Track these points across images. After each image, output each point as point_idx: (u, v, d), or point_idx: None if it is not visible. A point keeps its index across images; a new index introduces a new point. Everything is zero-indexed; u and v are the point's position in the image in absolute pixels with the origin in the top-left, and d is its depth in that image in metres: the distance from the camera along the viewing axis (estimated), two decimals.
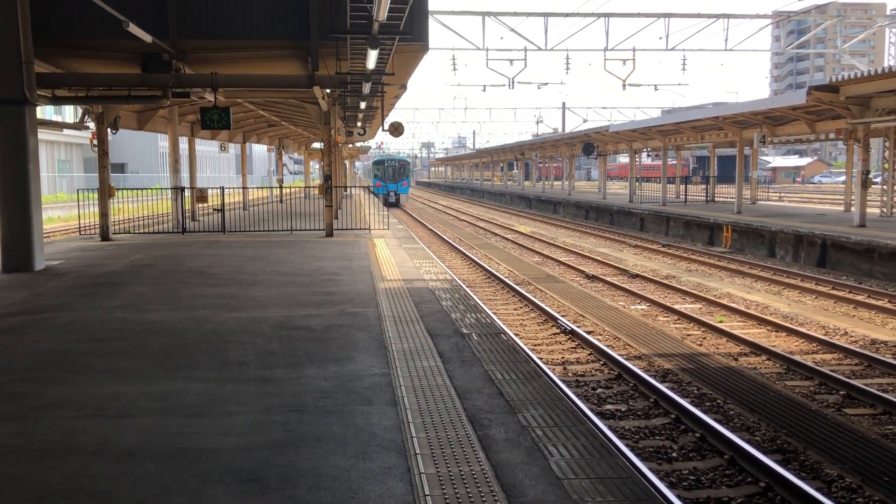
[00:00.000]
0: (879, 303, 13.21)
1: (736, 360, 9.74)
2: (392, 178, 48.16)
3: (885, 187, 23.26)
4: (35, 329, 7.52)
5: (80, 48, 13.59)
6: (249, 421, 4.78)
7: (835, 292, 14.35)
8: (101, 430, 4.64)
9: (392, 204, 38.91)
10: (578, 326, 11.45)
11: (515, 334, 11.03)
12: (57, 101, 14.54)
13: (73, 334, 7.27)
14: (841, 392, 8.30)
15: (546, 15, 29.17)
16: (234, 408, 5.04)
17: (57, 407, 5.10)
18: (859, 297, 13.72)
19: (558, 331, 11.33)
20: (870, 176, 19.81)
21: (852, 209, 22.24)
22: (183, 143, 23.22)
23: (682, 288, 14.87)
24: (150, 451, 4.28)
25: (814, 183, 79.34)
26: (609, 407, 7.94)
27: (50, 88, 13.78)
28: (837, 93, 18.60)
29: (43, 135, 37.27)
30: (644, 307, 13.36)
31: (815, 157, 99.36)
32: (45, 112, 38.79)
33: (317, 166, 65.99)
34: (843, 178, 55.58)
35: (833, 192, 52.70)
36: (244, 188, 28.68)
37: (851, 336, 11.03)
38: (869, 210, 20.51)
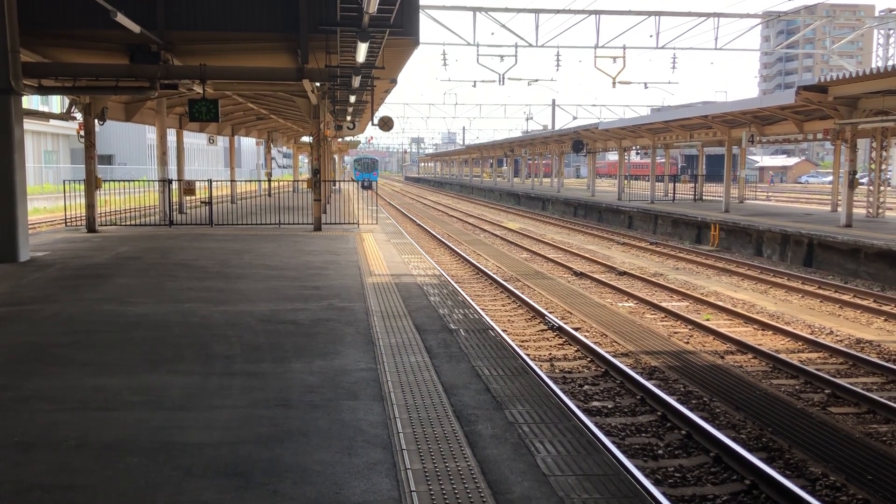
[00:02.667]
0: (865, 302, 13.29)
1: (722, 358, 9.77)
2: (367, 169, 66.48)
3: (871, 188, 23.40)
4: (18, 321, 7.44)
5: (67, 38, 13.46)
6: (234, 415, 4.75)
7: (821, 291, 14.43)
8: (84, 424, 4.59)
9: (367, 187, 50.00)
10: (566, 323, 11.46)
11: (503, 330, 11.02)
12: (43, 90, 14.39)
13: (56, 326, 7.20)
14: (826, 391, 8.34)
15: (537, 11, 29.15)
16: (218, 402, 5.00)
17: (39, 400, 5.04)
18: (845, 297, 13.80)
19: (546, 327, 11.33)
20: (857, 176, 19.92)
21: (839, 209, 22.37)
22: (171, 135, 23.06)
23: (670, 286, 14.91)
24: (133, 445, 4.24)
25: (801, 182, 79.80)
26: (596, 404, 7.95)
27: (36, 78, 13.63)
28: (826, 93, 18.69)
29: (29, 125, 37.01)
30: (631, 304, 13.38)
31: (803, 157, 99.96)
32: (31, 102, 38.46)
33: (306, 160, 65.93)
34: (829, 178, 55.93)
35: (820, 192, 53.03)
36: (232, 181, 28.55)
37: (837, 335, 11.09)
38: (855, 210, 20.63)
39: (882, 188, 23.32)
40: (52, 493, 3.66)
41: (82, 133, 16.41)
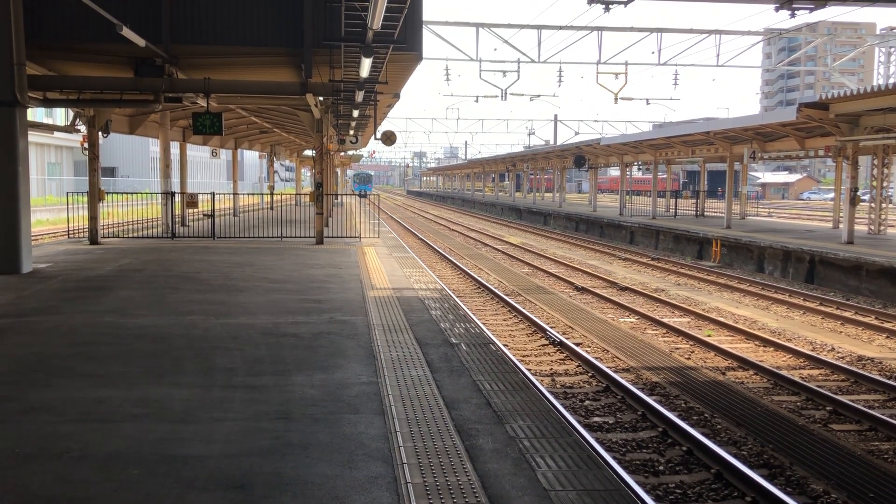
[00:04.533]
0: (866, 319, 13.27)
1: (723, 374, 9.76)
2: (363, 182, 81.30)
3: (872, 205, 23.42)
4: (20, 332, 7.45)
5: (72, 51, 13.55)
6: (235, 428, 4.75)
7: (822, 308, 14.41)
8: (85, 435, 4.59)
9: (363, 196, 55.08)
10: (567, 338, 11.45)
11: (504, 345, 11.02)
12: (48, 103, 14.47)
13: (58, 338, 7.21)
14: (827, 408, 8.33)
15: (539, 27, 29.28)
16: (220, 414, 5.01)
17: (40, 411, 5.05)
18: (846, 314, 13.79)
19: (547, 342, 11.32)
20: (858, 193, 19.95)
21: (840, 226, 22.39)
22: (174, 148, 23.17)
23: (671, 301, 14.90)
24: (134, 457, 4.24)
25: (803, 199, 79.82)
26: (597, 419, 7.94)
27: (41, 91, 13.72)
28: (827, 110, 18.75)
29: (33, 137, 37.12)
30: (633, 320, 13.38)
31: (805, 174, 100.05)
32: (35, 114, 38.62)
33: (308, 174, 66.10)
34: (831, 194, 55.96)
35: (822, 208, 53.05)
36: (235, 194, 28.61)
37: (838, 352, 11.07)
38: (857, 227, 20.64)
39: (883, 205, 23.34)
40: None
41: (86, 145, 16.47)
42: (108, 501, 3.69)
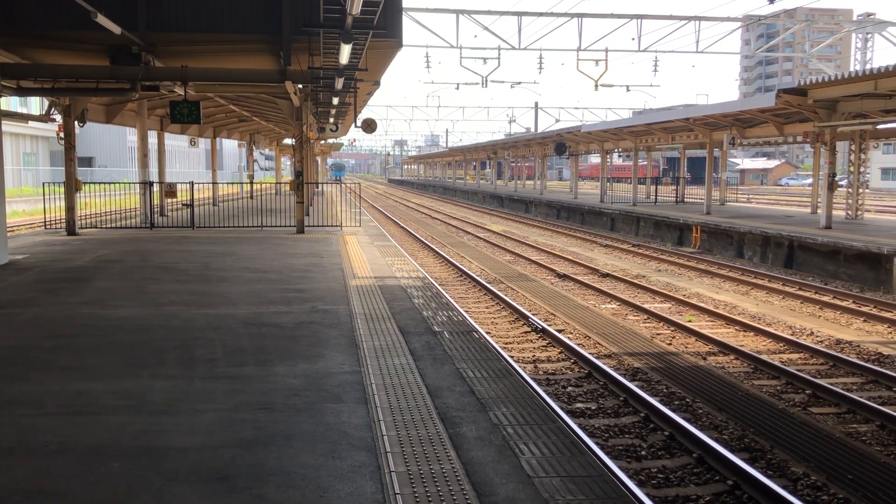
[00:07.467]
0: (844, 303, 13.42)
1: (704, 359, 9.83)
2: (338, 169, 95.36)
3: (850, 190, 23.65)
4: None
5: (46, 39, 13.31)
6: (217, 419, 4.71)
7: (801, 293, 14.56)
8: (64, 429, 4.54)
9: (336, 181, 56.89)
10: (549, 325, 11.48)
11: (487, 332, 11.03)
12: (22, 92, 14.23)
13: (36, 330, 7.12)
14: (807, 391, 8.42)
15: (520, 14, 29.20)
16: (201, 406, 4.97)
17: (18, 404, 4.98)
18: (825, 298, 13.93)
19: (529, 329, 11.35)
20: (836, 179, 20.13)
21: (819, 211, 22.59)
22: (152, 138, 22.90)
23: (652, 287, 14.98)
24: (114, 450, 4.20)
25: (781, 185, 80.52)
26: (579, 405, 7.97)
27: (15, 79, 13.48)
28: (805, 96, 18.87)
29: (8, 127, 36.60)
30: (614, 306, 13.44)
31: (783, 160, 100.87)
32: (10, 103, 38.04)
33: (288, 162, 65.81)
34: (809, 180, 56.51)
35: (800, 194, 53.54)
36: (214, 183, 28.35)
37: (817, 336, 11.19)
38: (835, 212, 20.84)
39: (861, 190, 23.57)
40: (33, 499, 3.62)
41: (62, 135, 16.25)
42: (88, 495, 3.65)
